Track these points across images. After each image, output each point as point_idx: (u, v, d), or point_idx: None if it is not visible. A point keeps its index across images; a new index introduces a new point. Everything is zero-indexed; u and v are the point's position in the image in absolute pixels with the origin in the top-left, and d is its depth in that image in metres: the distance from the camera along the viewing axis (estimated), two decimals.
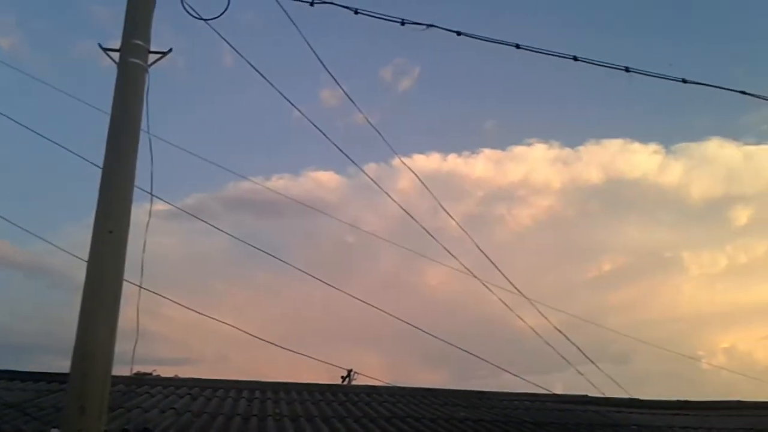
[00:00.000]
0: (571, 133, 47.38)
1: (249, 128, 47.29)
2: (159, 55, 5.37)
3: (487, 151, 40.90)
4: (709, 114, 40.93)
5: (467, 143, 47.64)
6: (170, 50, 5.47)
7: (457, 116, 47.98)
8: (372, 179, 9.10)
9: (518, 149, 41.17)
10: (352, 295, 11.72)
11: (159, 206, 6.36)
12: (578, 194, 39.77)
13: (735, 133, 43.94)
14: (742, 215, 37.67)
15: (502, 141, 49.94)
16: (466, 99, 47.64)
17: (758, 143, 37.81)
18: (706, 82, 7.33)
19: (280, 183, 38.08)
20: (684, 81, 7.06)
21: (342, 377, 22.48)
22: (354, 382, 19.24)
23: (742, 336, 37.52)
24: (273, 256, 9.42)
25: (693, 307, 37.58)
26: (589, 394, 11.28)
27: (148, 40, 5.33)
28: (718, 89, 7.43)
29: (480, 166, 40.75)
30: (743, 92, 7.11)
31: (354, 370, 22.44)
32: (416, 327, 12.45)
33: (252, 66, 7.68)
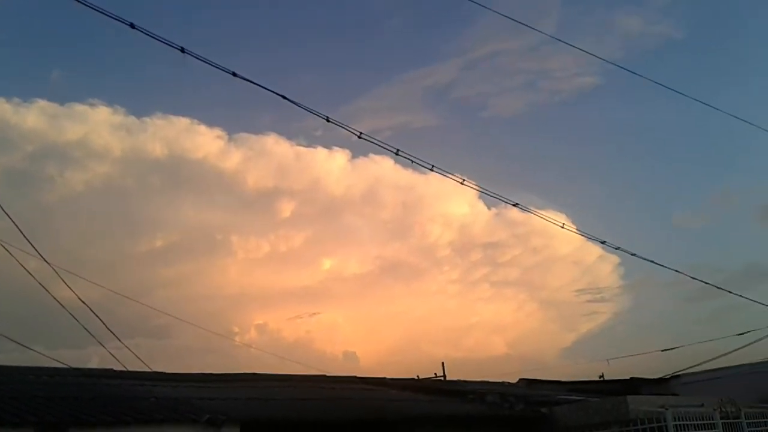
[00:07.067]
0: (139, 102, 46.08)
1: None
2: None
3: (43, 103, 36.72)
4: (272, 111, 44.47)
5: (21, 90, 41.90)
6: None
7: (16, 56, 42.19)
8: None
9: (80, 108, 38.00)
10: None
11: None
12: (139, 166, 38.81)
13: (291, 133, 49.00)
14: (287, 208, 41.96)
15: (63, 95, 45.40)
16: (33, 39, 42.37)
17: (308, 146, 42.91)
18: (258, 82, 7.98)
19: None
20: (234, 74, 7.56)
21: None
22: None
23: (274, 316, 42.17)
24: None
25: (236, 288, 40.52)
26: (114, 368, 11.19)
27: None
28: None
29: (32, 118, 36.32)
30: (283, 96, 7.96)
31: None
32: None
33: None
